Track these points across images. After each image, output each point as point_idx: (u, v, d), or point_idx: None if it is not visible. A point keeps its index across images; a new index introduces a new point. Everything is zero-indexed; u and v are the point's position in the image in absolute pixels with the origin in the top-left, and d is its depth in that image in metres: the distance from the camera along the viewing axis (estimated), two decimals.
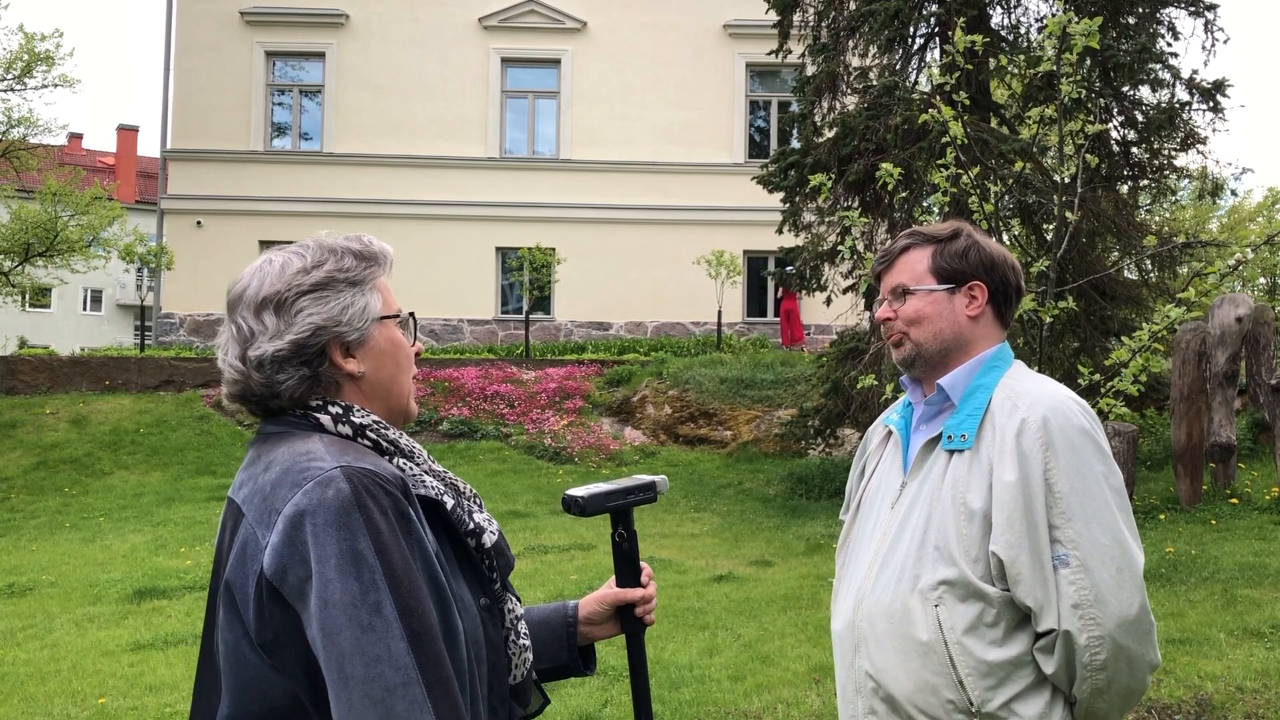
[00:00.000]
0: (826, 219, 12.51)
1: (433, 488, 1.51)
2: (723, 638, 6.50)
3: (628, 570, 1.85)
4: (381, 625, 1.31)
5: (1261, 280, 31.46)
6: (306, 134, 21.61)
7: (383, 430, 1.53)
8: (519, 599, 1.64)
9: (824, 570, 8.26)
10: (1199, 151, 12.11)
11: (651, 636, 6.26)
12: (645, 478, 1.90)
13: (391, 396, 1.59)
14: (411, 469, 1.52)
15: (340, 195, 20.78)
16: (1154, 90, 12.13)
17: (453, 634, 1.41)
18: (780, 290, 15.72)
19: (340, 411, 1.51)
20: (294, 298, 1.50)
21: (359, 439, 1.50)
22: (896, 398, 2.27)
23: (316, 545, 1.33)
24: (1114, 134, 12.20)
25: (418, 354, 1.65)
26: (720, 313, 19.39)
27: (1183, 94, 12.00)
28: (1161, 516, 9.37)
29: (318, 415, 1.51)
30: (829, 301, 13.28)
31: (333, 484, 1.36)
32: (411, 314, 1.66)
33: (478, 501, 1.61)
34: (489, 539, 1.55)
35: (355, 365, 1.54)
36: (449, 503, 1.51)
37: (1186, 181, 13.58)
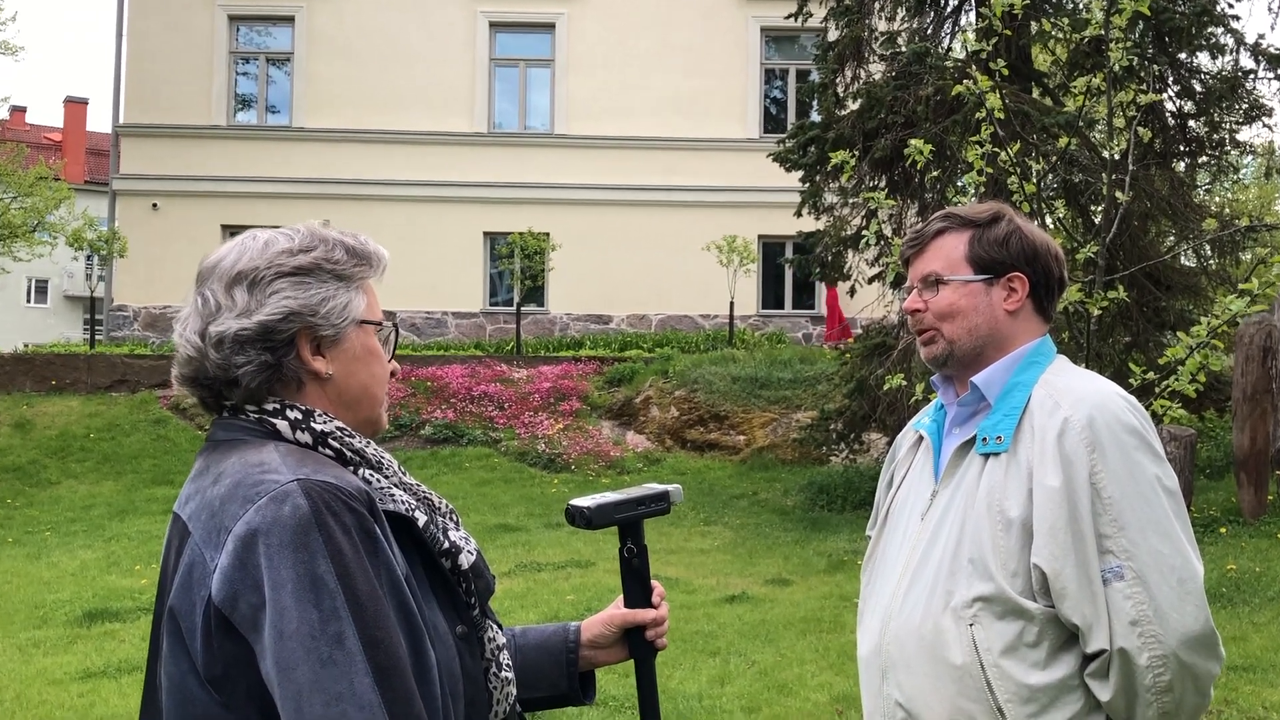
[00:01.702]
0: (850, 200, 12.50)
1: (403, 503, 1.49)
2: (735, 664, 6.49)
3: (638, 589, 1.85)
4: (344, 659, 1.30)
5: None
6: (274, 107, 21.59)
7: (347, 438, 1.51)
8: (500, 626, 1.63)
9: (847, 590, 8.25)
10: (1264, 125, 12.11)
11: (658, 663, 6.26)
12: (657, 486, 1.90)
13: (360, 406, 1.58)
14: (379, 482, 1.50)
15: (311, 175, 20.77)
16: (1214, 57, 12.10)
17: (424, 667, 1.40)
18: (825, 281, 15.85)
19: (299, 416, 1.50)
20: (272, 277, 1.50)
21: (320, 448, 1.49)
22: (928, 399, 2.26)
23: (271, 569, 1.31)
24: (1169, 105, 12.17)
25: (393, 373, 1.65)
26: (732, 304, 19.37)
27: (1246, 61, 11.97)
28: (1222, 530, 9.35)
29: (274, 420, 1.50)
30: (853, 292, 13.27)
31: (289, 499, 1.35)
32: (395, 326, 1.67)
33: (454, 518, 1.60)
34: (466, 560, 1.54)
35: (323, 365, 1.53)
36: (421, 519, 1.50)
37: (1250, 158, 13.55)
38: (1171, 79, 12.03)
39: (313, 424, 1.50)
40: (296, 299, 1.50)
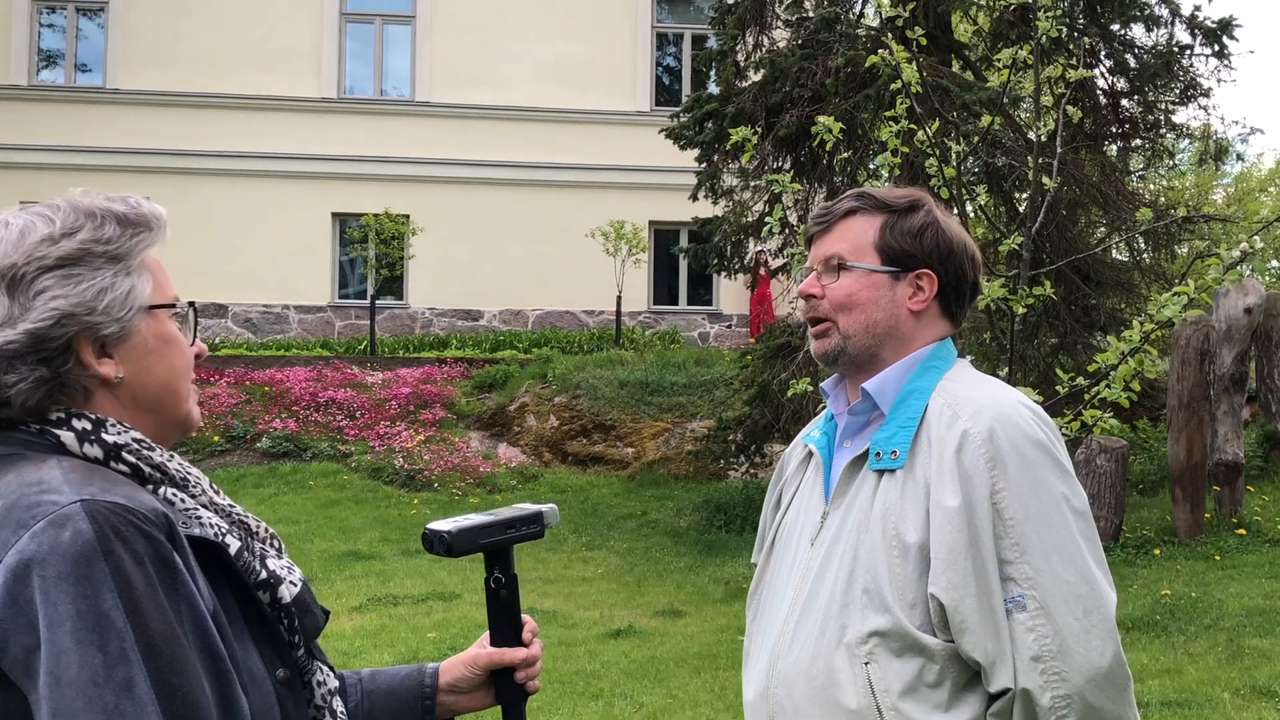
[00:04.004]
0: (751, 183, 12.62)
1: (210, 527, 1.47)
2: (620, 708, 6.50)
3: (506, 624, 1.86)
4: (133, 709, 1.27)
5: (1274, 264, 32.68)
6: (84, 65, 21.01)
7: (145, 451, 1.49)
8: (332, 668, 1.62)
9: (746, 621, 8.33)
10: (1201, 106, 12.63)
11: (531, 708, 6.23)
12: (529, 507, 1.92)
13: (163, 407, 1.56)
14: (183, 502, 1.48)
15: (129, 144, 20.25)
16: (1149, 29, 12.53)
17: (234, 717, 1.38)
18: (755, 270, 15.99)
19: (88, 427, 1.47)
20: (34, 274, 1.45)
21: (112, 463, 1.46)
22: None
23: (47, 605, 1.28)
24: (1101, 82, 12.56)
25: (199, 356, 1.62)
26: (620, 299, 19.41)
27: (1183, 35, 12.41)
28: (1156, 551, 9.65)
29: (57, 432, 1.46)
30: (753, 286, 13.39)
31: (70, 524, 1.32)
32: (192, 304, 1.64)
33: (275, 544, 1.58)
34: (288, 592, 1.52)
35: (111, 368, 1.50)
36: (232, 546, 1.48)
37: (1186, 142, 14.03)
38: (1104, 53, 12.41)
39: (104, 435, 1.47)
40: (68, 297, 1.46)
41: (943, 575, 1.86)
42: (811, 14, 12.33)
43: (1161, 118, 12.72)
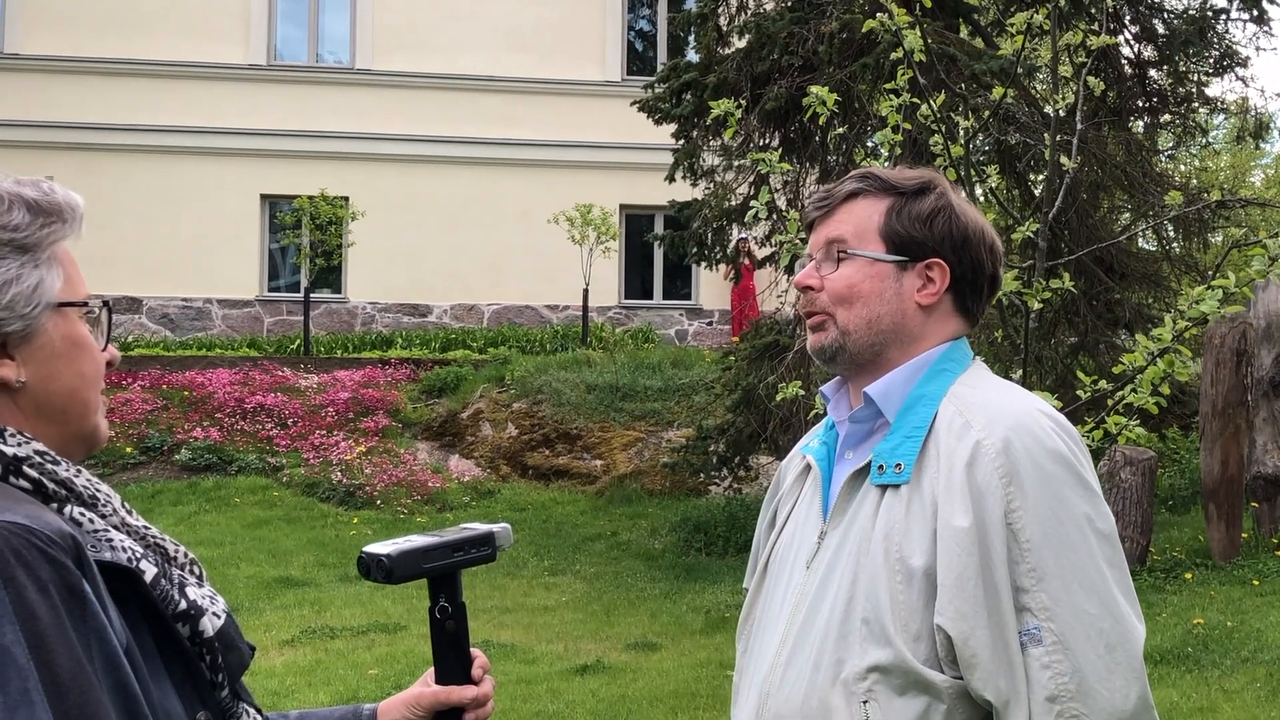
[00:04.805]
0: (735, 162, 12.62)
1: (124, 551, 1.46)
2: None
3: (453, 659, 1.86)
4: None
5: None
6: None
7: (49, 465, 1.48)
8: (259, 709, 1.62)
9: (729, 655, 8.31)
10: (1238, 77, 12.65)
11: None
12: (480, 526, 1.92)
13: (68, 417, 1.55)
14: (92, 523, 1.47)
15: (27, 117, 20.12)
16: None
17: None
18: (738, 260, 15.99)
19: None
20: None
21: (11, 478, 1.45)
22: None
23: None
24: (1126, 50, 12.63)
25: (110, 363, 1.61)
26: (587, 293, 19.41)
27: None
28: (1187, 575, 9.70)
29: None
30: (737, 278, 13.40)
31: None
32: (106, 304, 1.62)
33: (195, 570, 1.58)
34: (210, 624, 1.52)
35: (13, 370, 1.49)
36: (149, 572, 1.47)
37: (1222, 117, 14.10)
38: (1129, 18, 12.47)
39: (3, 447, 1.46)
40: None
41: (950, 604, 1.85)
42: None
43: (1193, 90, 12.79)
